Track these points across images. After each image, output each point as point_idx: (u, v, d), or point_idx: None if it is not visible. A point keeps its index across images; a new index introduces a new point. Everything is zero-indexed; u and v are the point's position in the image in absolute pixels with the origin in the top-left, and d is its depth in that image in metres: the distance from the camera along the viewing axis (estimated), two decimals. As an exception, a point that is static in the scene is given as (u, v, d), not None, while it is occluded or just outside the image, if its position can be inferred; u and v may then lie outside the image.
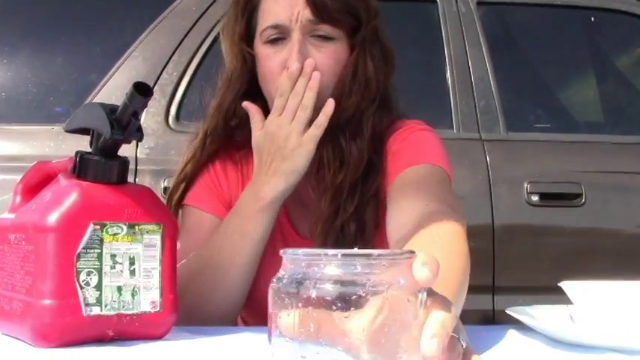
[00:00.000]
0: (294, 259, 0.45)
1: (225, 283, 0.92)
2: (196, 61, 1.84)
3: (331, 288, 0.43)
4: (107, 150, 0.72)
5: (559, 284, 0.74)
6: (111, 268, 0.69)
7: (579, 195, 1.90)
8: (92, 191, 0.70)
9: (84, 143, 0.74)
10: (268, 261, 0.95)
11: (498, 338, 0.75)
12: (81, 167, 0.72)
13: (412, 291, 0.45)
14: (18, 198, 0.76)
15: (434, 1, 2.08)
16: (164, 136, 1.76)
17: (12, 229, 0.72)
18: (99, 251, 0.69)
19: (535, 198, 1.88)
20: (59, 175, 0.73)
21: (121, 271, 0.70)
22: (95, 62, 1.93)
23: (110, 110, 0.71)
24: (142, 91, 0.69)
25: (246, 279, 0.93)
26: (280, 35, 0.96)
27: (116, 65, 1.81)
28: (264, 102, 1.01)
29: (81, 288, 0.68)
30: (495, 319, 1.78)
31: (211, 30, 1.85)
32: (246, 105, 0.98)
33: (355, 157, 0.95)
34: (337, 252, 0.44)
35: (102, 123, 0.70)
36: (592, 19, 2.27)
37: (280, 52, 0.96)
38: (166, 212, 0.75)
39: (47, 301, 0.67)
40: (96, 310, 0.68)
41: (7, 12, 1.93)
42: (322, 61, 0.93)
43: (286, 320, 0.43)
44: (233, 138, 1.05)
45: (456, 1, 2.09)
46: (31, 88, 1.92)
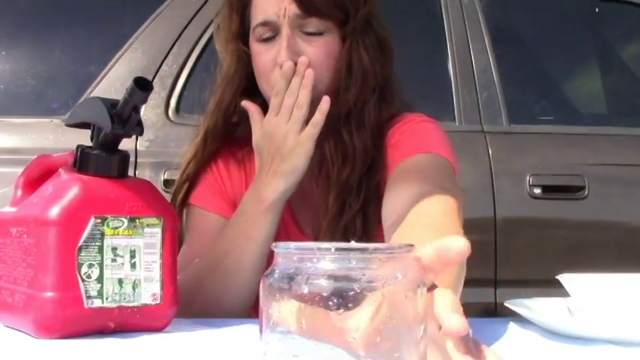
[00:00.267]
0: (285, 254, 0.44)
1: (233, 287, 0.92)
2: (196, 53, 1.83)
3: (324, 283, 0.41)
4: (108, 144, 0.73)
5: (557, 277, 0.74)
6: (112, 261, 0.70)
7: (582, 188, 1.89)
8: (93, 185, 0.71)
9: (83, 137, 0.75)
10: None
11: (496, 330, 0.76)
12: (82, 161, 0.73)
13: (410, 286, 0.43)
14: (19, 191, 0.77)
15: (436, -8, 2.07)
16: (164, 129, 1.75)
17: (13, 223, 0.73)
18: (100, 244, 0.69)
19: (537, 191, 1.87)
20: (60, 169, 0.73)
21: (122, 264, 0.70)
22: (94, 54, 1.92)
23: (111, 105, 0.71)
24: (143, 86, 0.69)
25: (253, 280, 0.92)
26: (272, 33, 0.96)
27: (115, 57, 1.80)
28: (263, 98, 1.01)
29: (82, 281, 0.68)
30: (497, 312, 1.78)
31: (212, 21, 1.84)
32: (245, 104, 0.99)
33: (360, 152, 0.94)
34: (331, 246, 0.42)
35: (103, 117, 0.71)
36: (596, 10, 2.25)
37: (272, 49, 0.96)
38: (167, 206, 0.76)
39: (49, 294, 0.68)
40: (97, 303, 0.69)
41: (6, 3, 1.92)
42: (314, 55, 0.93)
43: (285, 311, 0.42)
44: (234, 135, 1.05)
45: (459, -8, 2.08)
46: (30, 81, 1.91)
